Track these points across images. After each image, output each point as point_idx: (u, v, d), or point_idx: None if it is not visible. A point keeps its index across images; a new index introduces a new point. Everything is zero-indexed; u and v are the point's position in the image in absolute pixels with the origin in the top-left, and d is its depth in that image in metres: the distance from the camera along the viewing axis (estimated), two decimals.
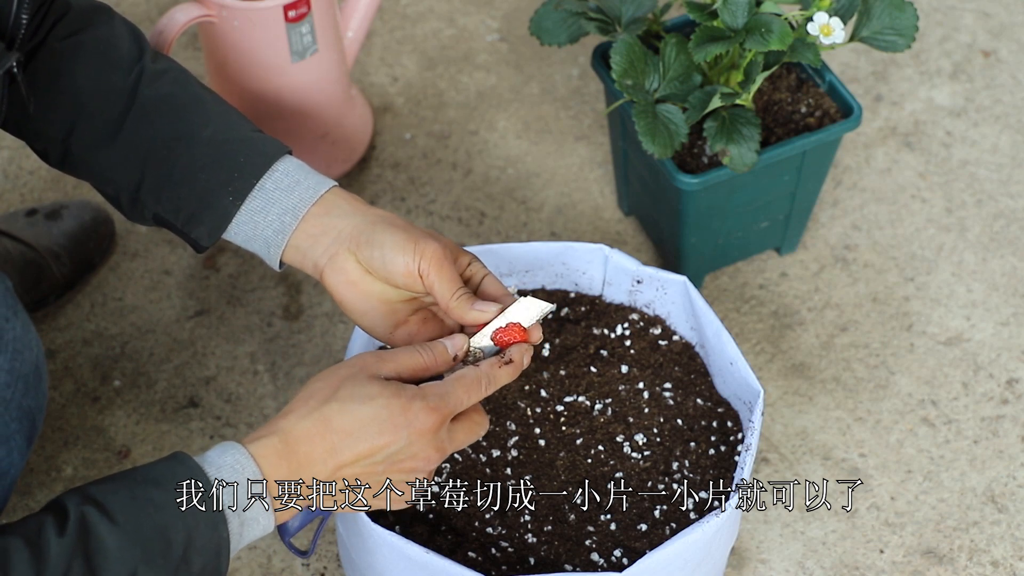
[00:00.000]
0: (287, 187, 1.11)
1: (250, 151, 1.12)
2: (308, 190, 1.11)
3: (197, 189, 1.11)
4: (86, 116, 1.14)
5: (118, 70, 1.15)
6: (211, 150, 1.12)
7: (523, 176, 1.66)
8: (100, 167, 1.15)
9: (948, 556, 1.37)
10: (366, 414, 1.01)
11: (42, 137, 1.16)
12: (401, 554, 1.12)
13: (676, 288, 1.28)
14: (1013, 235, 1.60)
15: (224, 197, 1.11)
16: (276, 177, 1.11)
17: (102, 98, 1.14)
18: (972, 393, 1.48)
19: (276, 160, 1.11)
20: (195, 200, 1.12)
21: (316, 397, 1.02)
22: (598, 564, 1.18)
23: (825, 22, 1.31)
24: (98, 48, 1.16)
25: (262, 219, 1.11)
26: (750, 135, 1.35)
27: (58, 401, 1.47)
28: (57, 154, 1.17)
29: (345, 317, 1.54)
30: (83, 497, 0.95)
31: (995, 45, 1.77)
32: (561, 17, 1.41)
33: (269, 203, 1.11)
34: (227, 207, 1.11)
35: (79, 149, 1.15)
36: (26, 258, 1.50)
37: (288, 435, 1.00)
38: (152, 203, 1.13)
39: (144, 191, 1.13)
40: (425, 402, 1.01)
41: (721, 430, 1.26)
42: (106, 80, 1.15)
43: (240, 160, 1.11)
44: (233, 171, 1.11)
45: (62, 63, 1.15)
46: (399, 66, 1.76)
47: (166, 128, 1.13)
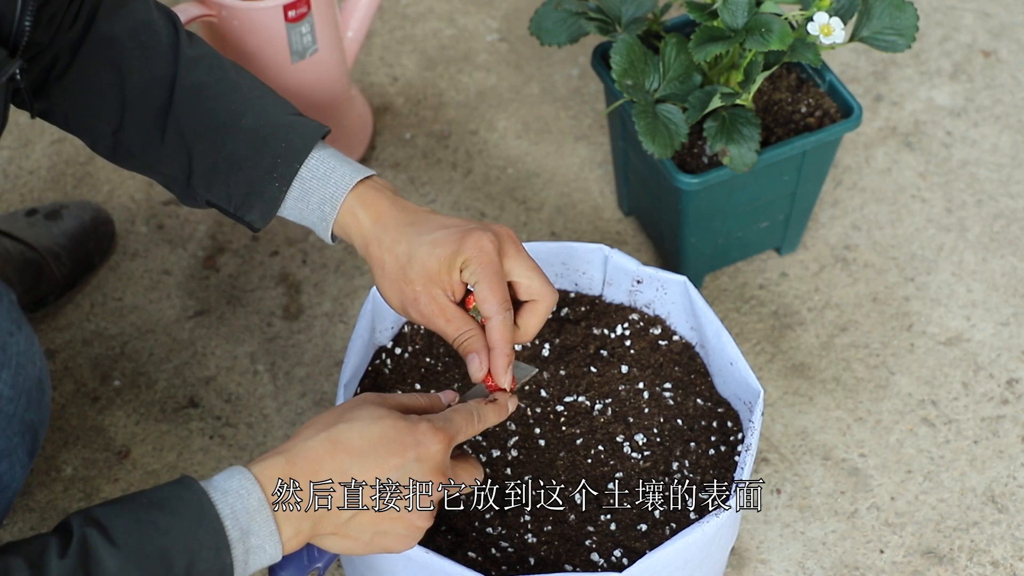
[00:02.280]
0: (323, 176, 1.13)
1: (289, 135, 1.13)
2: (343, 180, 1.13)
3: (244, 178, 1.14)
4: (132, 109, 1.16)
5: (160, 59, 1.16)
6: (252, 139, 1.13)
7: (523, 176, 1.66)
8: (150, 161, 1.17)
9: (948, 556, 1.37)
10: (375, 433, 1.01)
11: (91, 130, 1.18)
12: (401, 554, 1.12)
13: (676, 288, 1.28)
14: (1013, 235, 1.60)
15: (271, 184, 1.13)
16: (312, 165, 1.13)
17: (146, 88, 1.15)
18: (972, 393, 1.48)
19: (313, 145, 1.13)
20: (244, 188, 1.14)
21: (322, 422, 1.02)
22: (598, 564, 1.18)
23: (825, 22, 1.31)
24: (138, 36, 1.16)
25: (304, 206, 1.14)
26: (750, 135, 1.35)
27: (58, 401, 1.47)
28: (107, 147, 1.18)
29: (345, 317, 1.54)
30: (86, 519, 0.94)
31: (995, 45, 1.77)
32: (561, 17, 1.41)
33: (308, 192, 1.13)
34: (275, 193, 1.13)
35: (128, 144, 1.17)
36: (26, 258, 1.50)
37: (295, 455, 1.00)
38: (203, 191, 1.16)
39: (194, 180, 1.15)
40: (431, 424, 1.02)
41: (721, 430, 1.26)
42: (149, 71, 1.16)
43: (281, 146, 1.13)
44: (276, 157, 1.13)
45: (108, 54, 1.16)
46: (399, 66, 1.76)
47: (206, 117, 1.14)
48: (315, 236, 1.60)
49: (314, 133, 1.14)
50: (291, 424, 1.46)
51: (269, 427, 1.46)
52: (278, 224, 1.61)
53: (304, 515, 0.99)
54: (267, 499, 0.98)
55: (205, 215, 1.61)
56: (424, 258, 1.09)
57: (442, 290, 1.10)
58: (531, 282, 1.10)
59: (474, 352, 1.10)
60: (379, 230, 1.11)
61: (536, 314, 1.11)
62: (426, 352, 1.29)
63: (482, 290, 1.08)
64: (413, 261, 1.09)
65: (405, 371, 1.28)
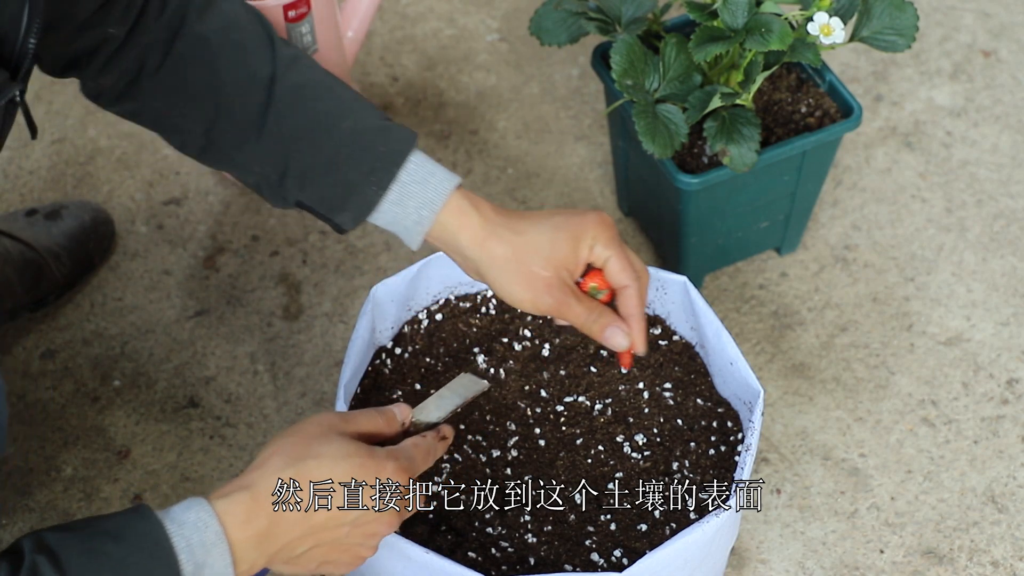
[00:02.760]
0: (422, 179, 1.13)
1: (387, 139, 1.13)
2: (440, 186, 1.13)
3: (341, 180, 1.13)
4: (227, 108, 1.14)
5: (257, 58, 1.15)
6: (352, 140, 1.13)
7: (523, 176, 1.66)
8: (243, 160, 1.16)
9: (948, 556, 1.37)
10: (343, 472, 1.00)
11: (182, 131, 1.16)
12: (401, 554, 1.12)
13: (676, 288, 1.28)
14: (1013, 235, 1.60)
15: (368, 187, 1.13)
16: (410, 169, 1.13)
17: (242, 89, 1.14)
18: (972, 393, 1.48)
19: (411, 149, 1.13)
20: (340, 189, 1.13)
21: (288, 454, 1.00)
22: (598, 564, 1.18)
23: (825, 22, 1.31)
24: (231, 35, 1.15)
25: (401, 210, 1.13)
26: (750, 135, 1.35)
27: (58, 401, 1.47)
28: (197, 147, 1.17)
29: (345, 317, 1.54)
30: (38, 545, 0.92)
31: (995, 45, 1.77)
32: (561, 17, 1.41)
33: (406, 196, 1.13)
34: (371, 195, 1.13)
35: (221, 143, 1.15)
36: (26, 258, 1.50)
37: (260, 491, 0.98)
38: (296, 191, 1.15)
39: (288, 181, 1.15)
40: (397, 463, 1.03)
41: (721, 430, 1.26)
42: (245, 70, 1.14)
43: (380, 150, 1.13)
44: (375, 161, 1.13)
45: (201, 55, 1.14)
46: (399, 66, 1.76)
47: (306, 119, 1.14)
48: (315, 236, 1.60)
49: (410, 138, 1.14)
50: (291, 424, 1.46)
51: (269, 427, 1.46)
52: (278, 224, 1.61)
53: (260, 551, 0.98)
54: (225, 533, 0.96)
55: (205, 214, 1.61)
56: (550, 244, 1.11)
57: (569, 275, 1.13)
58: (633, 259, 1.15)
59: (615, 325, 1.13)
60: (493, 226, 1.12)
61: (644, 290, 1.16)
62: (426, 352, 1.29)
63: (614, 263, 1.13)
64: (539, 249, 1.11)
65: (405, 371, 1.28)
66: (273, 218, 1.61)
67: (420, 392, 1.27)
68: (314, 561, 1.03)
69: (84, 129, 1.70)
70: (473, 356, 1.28)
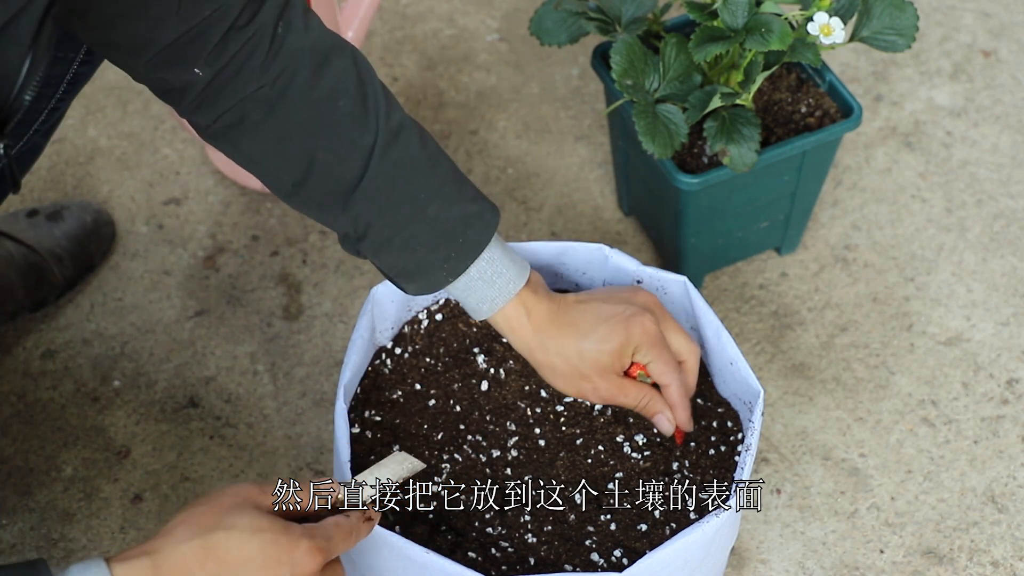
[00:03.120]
0: (488, 279, 1.17)
1: (467, 232, 1.15)
2: (508, 284, 1.17)
3: (415, 259, 1.15)
4: (320, 175, 1.13)
5: (358, 130, 1.12)
6: (433, 228, 1.15)
7: (523, 176, 1.66)
8: (325, 217, 1.16)
9: (948, 556, 1.37)
10: (253, 547, 0.97)
11: (272, 177, 1.15)
12: (401, 554, 1.12)
13: (676, 288, 1.28)
14: (1013, 235, 1.60)
15: (439, 272, 1.16)
16: (481, 266, 1.16)
17: (339, 160, 1.13)
18: (972, 393, 1.48)
19: (487, 243, 1.16)
20: (412, 267, 1.16)
21: (197, 523, 0.98)
22: (598, 564, 1.18)
23: (825, 22, 1.31)
24: (338, 101, 1.12)
25: (464, 297, 1.18)
26: (750, 135, 1.35)
27: (58, 401, 1.47)
28: (284, 194, 1.16)
29: (345, 317, 1.54)
30: None
31: (995, 45, 1.77)
32: (561, 17, 1.41)
33: (471, 289, 1.17)
34: (440, 280, 1.16)
35: (307, 198, 1.15)
36: (28, 261, 1.50)
37: (163, 559, 0.96)
38: (370, 255, 1.17)
39: (365, 245, 1.16)
40: (312, 543, 1.00)
41: (721, 430, 1.26)
42: (346, 142, 1.12)
43: (458, 241, 1.15)
44: (451, 251, 1.15)
45: (306, 117, 1.11)
46: (399, 66, 1.76)
47: (394, 198, 1.14)
48: (315, 236, 1.60)
49: (489, 229, 1.16)
50: (291, 424, 1.46)
51: (269, 427, 1.46)
52: (278, 224, 1.61)
53: None
54: None
55: (206, 215, 1.61)
56: (595, 355, 1.17)
57: (615, 374, 1.19)
58: (679, 344, 1.21)
59: (659, 412, 1.21)
60: (543, 337, 1.18)
61: (691, 371, 1.22)
62: (426, 352, 1.29)
63: (657, 366, 1.19)
64: (584, 359, 1.18)
65: (405, 371, 1.28)
66: (273, 218, 1.61)
67: (420, 392, 1.27)
68: None
69: (84, 129, 1.70)
70: (473, 356, 1.28)
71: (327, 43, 1.12)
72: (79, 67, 1.21)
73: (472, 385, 1.27)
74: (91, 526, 1.39)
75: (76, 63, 1.20)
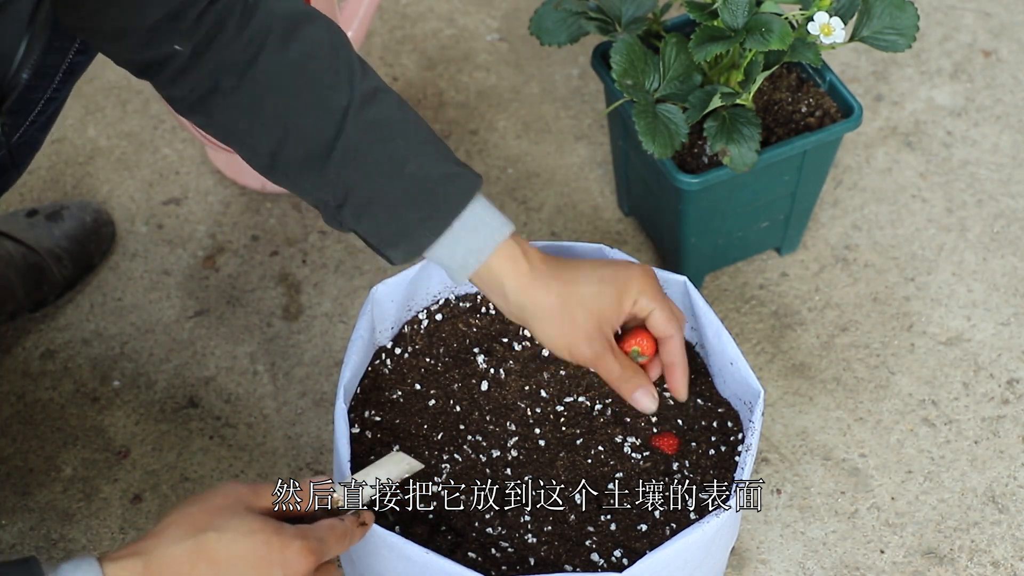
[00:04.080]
0: (473, 227, 1.14)
1: (448, 189, 1.14)
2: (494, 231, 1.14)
3: (397, 221, 1.14)
4: (295, 136, 1.14)
5: (331, 91, 1.13)
6: (413, 187, 1.14)
7: (523, 176, 1.65)
8: (304, 184, 1.16)
9: (949, 556, 1.37)
10: (245, 548, 0.97)
11: (249, 149, 1.16)
12: (401, 554, 1.12)
13: (676, 288, 1.28)
14: (1013, 235, 1.60)
15: (422, 233, 1.14)
16: (465, 219, 1.14)
17: (313, 120, 1.13)
18: (972, 393, 1.48)
19: (469, 200, 1.14)
20: (393, 228, 1.14)
21: (189, 524, 0.98)
22: (598, 564, 1.18)
23: (825, 22, 1.31)
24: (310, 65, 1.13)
25: (448, 255, 1.15)
26: (750, 135, 1.35)
27: (58, 401, 1.47)
28: (262, 165, 1.16)
29: (345, 317, 1.54)
30: None
31: (995, 45, 1.77)
32: (561, 17, 1.41)
33: (457, 241, 1.14)
34: (423, 240, 1.14)
35: (285, 166, 1.15)
36: (28, 261, 1.50)
37: (153, 559, 0.96)
38: (352, 222, 1.15)
39: (345, 212, 1.15)
40: (304, 544, 1.00)
41: (721, 430, 1.26)
42: (319, 104, 1.13)
43: (439, 199, 1.14)
44: (432, 210, 1.13)
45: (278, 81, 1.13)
46: (399, 66, 1.76)
47: (372, 157, 1.13)
48: (315, 236, 1.60)
49: (472, 188, 1.15)
50: (291, 424, 1.46)
51: (269, 427, 1.46)
52: (278, 224, 1.61)
53: None
54: None
55: (205, 214, 1.61)
56: (595, 296, 1.14)
57: (610, 328, 1.16)
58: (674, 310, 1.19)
59: (645, 388, 1.17)
60: (539, 274, 1.15)
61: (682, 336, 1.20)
62: (426, 352, 1.29)
63: (658, 315, 1.16)
64: (584, 300, 1.14)
65: (405, 371, 1.28)
66: (273, 218, 1.61)
67: (420, 392, 1.26)
68: None
69: (84, 129, 1.70)
70: (473, 356, 1.28)
71: (299, 10, 1.13)
72: (75, 56, 1.21)
73: (472, 385, 1.27)
74: (91, 526, 1.39)
75: (72, 52, 1.21)
